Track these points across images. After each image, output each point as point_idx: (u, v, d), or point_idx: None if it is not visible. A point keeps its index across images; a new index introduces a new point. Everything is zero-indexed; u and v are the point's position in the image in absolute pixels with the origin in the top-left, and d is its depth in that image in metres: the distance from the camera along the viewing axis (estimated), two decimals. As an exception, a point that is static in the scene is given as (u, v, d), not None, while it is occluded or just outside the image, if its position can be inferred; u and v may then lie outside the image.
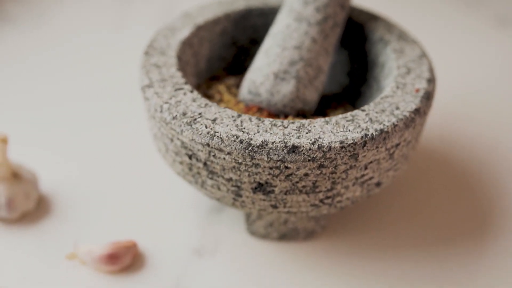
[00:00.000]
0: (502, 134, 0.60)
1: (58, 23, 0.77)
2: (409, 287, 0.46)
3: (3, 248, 0.48)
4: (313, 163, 0.39)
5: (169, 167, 0.46)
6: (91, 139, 0.59)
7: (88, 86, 0.66)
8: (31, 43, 0.73)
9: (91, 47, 0.72)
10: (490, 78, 0.69)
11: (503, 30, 0.77)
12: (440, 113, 0.62)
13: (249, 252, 0.48)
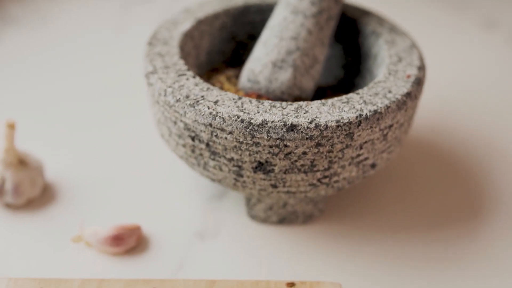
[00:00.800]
0: (489, 126, 0.63)
1: (61, 25, 0.79)
2: (404, 268, 0.48)
3: (9, 233, 0.50)
4: (311, 141, 0.41)
5: (172, 152, 0.48)
6: (95, 130, 0.61)
7: (90, 83, 0.68)
8: (34, 44, 0.75)
9: (92, 48, 0.75)
10: (478, 76, 0.72)
11: (490, 31, 0.80)
12: (431, 108, 0.64)
13: (250, 236, 0.50)
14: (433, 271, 0.47)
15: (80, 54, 0.73)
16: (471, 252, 0.49)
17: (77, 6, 0.84)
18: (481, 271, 0.47)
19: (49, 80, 0.68)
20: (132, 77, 0.67)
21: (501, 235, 0.50)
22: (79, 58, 0.72)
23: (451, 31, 0.80)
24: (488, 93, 0.69)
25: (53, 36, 0.77)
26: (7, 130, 0.50)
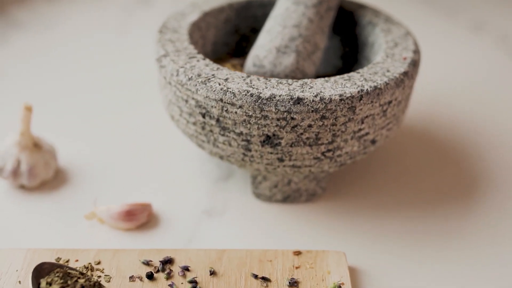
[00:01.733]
0: (478, 116, 0.66)
1: (64, 28, 0.82)
2: (402, 239, 0.50)
3: (24, 212, 0.52)
4: (316, 114, 0.44)
5: (182, 132, 0.51)
6: (103, 119, 0.64)
7: (94, 79, 0.71)
8: (40, 45, 0.78)
9: (96, 48, 0.78)
10: (467, 73, 0.76)
11: (478, 33, 0.84)
12: (426, 101, 0.68)
13: (255, 213, 0.52)
14: (430, 243, 0.50)
15: (84, 54, 0.76)
16: (465, 226, 0.51)
17: (79, 11, 0.87)
18: (475, 243, 0.50)
19: (56, 77, 0.71)
20: (135, 72, 0.71)
21: (492, 211, 0.53)
22: (84, 58, 0.75)
23: (442, 34, 0.84)
24: (477, 88, 0.72)
25: (57, 39, 0.80)
26: (24, 112, 0.52)
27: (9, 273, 0.44)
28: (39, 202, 0.53)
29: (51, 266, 0.42)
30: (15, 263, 0.44)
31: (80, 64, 0.74)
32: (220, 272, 0.44)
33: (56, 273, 0.41)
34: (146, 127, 0.63)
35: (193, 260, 0.45)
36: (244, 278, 0.44)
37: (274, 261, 0.45)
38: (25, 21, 0.83)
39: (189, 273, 0.44)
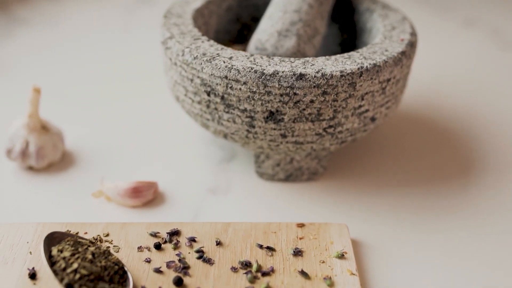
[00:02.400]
0: (470, 102, 0.68)
1: (68, 26, 0.84)
2: (401, 214, 0.51)
3: (33, 192, 0.53)
4: (318, 89, 0.46)
5: (187, 113, 0.52)
6: (107, 106, 0.66)
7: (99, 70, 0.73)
8: (44, 41, 0.79)
9: (99, 44, 0.79)
10: (460, 64, 0.78)
11: (469, 29, 0.87)
12: (422, 89, 0.70)
13: (258, 191, 0.54)
14: (428, 217, 0.51)
15: (87, 49, 0.78)
16: (462, 202, 0.53)
17: (81, 10, 0.89)
18: (471, 217, 0.51)
19: (60, 69, 0.73)
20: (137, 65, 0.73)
21: (487, 188, 0.55)
22: (87, 52, 0.77)
23: (435, 30, 0.86)
24: (469, 77, 0.75)
25: (60, 35, 0.82)
26: (33, 94, 0.53)
27: (20, 245, 0.45)
28: (47, 182, 0.54)
29: (62, 235, 0.43)
30: (26, 236, 0.46)
31: (83, 58, 0.76)
32: (226, 243, 0.46)
33: (67, 241, 0.42)
34: (150, 114, 0.64)
35: (199, 232, 0.47)
36: (249, 248, 0.45)
37: (278, 233, 0.47)
38: (28, 19, 0.85)
39: (195, 244, 0.46)
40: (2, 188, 0.53)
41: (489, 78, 0.75)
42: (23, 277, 0.42)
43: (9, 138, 0.55)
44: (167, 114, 0.63)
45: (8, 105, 0.65)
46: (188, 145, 0.60)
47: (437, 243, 0.49)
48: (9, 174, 0.55)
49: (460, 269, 0.46)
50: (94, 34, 0.82)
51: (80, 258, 0.41)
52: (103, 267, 0.41)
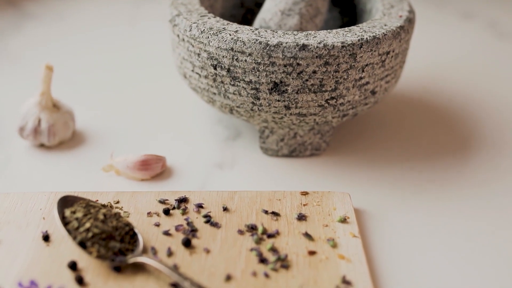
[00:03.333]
0: (467, 86, 0.70)
1: (75, 20, 0.87)
2: (401, 186, 0.53)
3: (44, 168, 0.54)
4: (320, 59, 0.47)
5: (194, 90, 0.54)
6: (117, 89, 0.68)
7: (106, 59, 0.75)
8: (53, 34, 0.82)
9: (106, 37, 0.82)
10: (457, 54, 0.80)
11: (466, 21, 0.89)
12: (421, 74, 0.72)
13: (263, 166, 0.55)
14: (427, 188, 0.52)
15: (96, 41, 0.80)
16: (458, 175, 0.54)
17: (89, 5, 0.91)
18: (468, 189, 0.53)
19: (69, 58, 0.75)
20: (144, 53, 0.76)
21: (483, 162, 0.56)
22: (95, 43, 0.79)
23: (434, 23, 0.88)
24: (467, 64, 0.77)
25: (69, 29, 0.84)
26: (45, 72, 0.55)
27: (33, 211, 0.46)
28: (58, 159, 0.56)
29: (74, 198, 0.44)
30: (39, 203, 0.47)
31: (91, 48, 0.78)
32: (232, 209, 0.47)
33: (79, 204, 0.44)
34: (156, 97, 0.66)
35: (207, 199, 0.48)
36: (255, 213, 0.47)
37: (283, 200, 0.48)
38: (37, 13, 0.87)
39: (203, 210, 0.47)
40: (15, 165, 0.55)
41: (485, 65, 0.77)
42: (37, 239, 0.44)
43: (22, 117, 0.56)
44: (173, 97, 0.65)
45: (19, 90, 0.67)
46: (194, 125, 0.61)
47: (435, 211, 0.50)
48: (21, 152, 0.56)
49: (456, 233, 0.48)
50: (101, 27, 0.84)
51: (92, 219, 0.42)
52: (114, 227, 0.42)
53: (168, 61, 0.68)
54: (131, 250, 0.42)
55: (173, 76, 0.67)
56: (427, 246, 0.46)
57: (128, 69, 0.73)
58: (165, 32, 0.68)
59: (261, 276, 0.41)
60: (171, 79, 0.68)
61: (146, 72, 0.72)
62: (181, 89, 0.66)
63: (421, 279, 0.43)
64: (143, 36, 0.83)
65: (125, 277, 0.41)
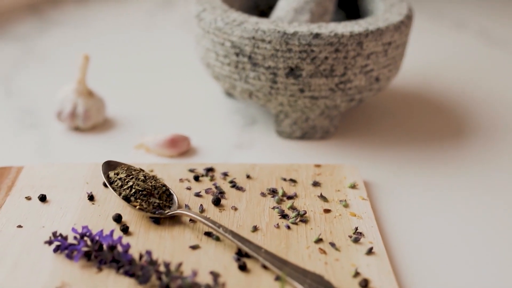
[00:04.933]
0: (461, 82, 0.77)
1: (96, 26, 0.93)
2: (406, 166, 0.59)
3: (80, 148, 0.60)
4: (331, 47, 0.54)
5: (216, 79, 0.60)
6: (144, 84, 0.75)
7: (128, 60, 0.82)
8: (73, 38, 0.89)
9: (125, 41, 0.88)
10: (450, 58, 0.87)
11: (459, 30, 0.96)
12: (419, 74, 0.79)
13: (278, 147, 0.61)
14: (427, 165, 0.59)
15: (115, 44, 0.87)
16: (455, 154, 0.61)
17: (107, 13, 0.98)
18: (466, 166, 0.59)
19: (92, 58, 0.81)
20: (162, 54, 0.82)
21: (477, 144, 0.63)
22: (115, 46, 0.86)
23: (429, 32, 0.96)
24: (459, 66, 0.84)
25: (89, 33, 0.91)
26: (83, 61, 0.61)
27: (77, 178, 0.52)
28: (92, 139, 0.61)
29: (116, 163, 0.50)
30: (81, 172, 0.53)
31: (112, 50, 0.85)
32: (255, 177, 0.53)
33: (121, 167, 0.49)
34: (177, 91, 0.73)
35: (231, 169, 0.54)
36: (275, 180, 0.53)
37: (299, 170, 0.54)
38: (60, 20, 0.94)
39: (228, 177, 0.53)
40: (54, 145, 0.61)
41: (476, 66, 0.84)
42: (82, 199, 0.49)
43: (59, 102, 0.62)
44: (192, 91, 0.72)
45: (47, 84, 0.73)
46: (214, 114, 0.68)
47: (434, 182, 0.56)
48: (59, 133, 0.62)
49: (452, 199, 0.54)
50: (119, 34, 0.91)
51: (134, 178, 0.48)
52: (153, 186, 0.48)
53: (185, 59, 0.75)
54: (168, 206, 0.48)
55: (191, 73, 0.74)
56: (427, 209, 0.52)
57: (148, 69, 0.79)
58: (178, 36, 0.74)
59: (284, 228, 0.47)
60: (190, 75, 0.74)
61: (166, 71, 0.79)
62: (201, 84, 0.72)
63: (421, 233, 0.49)
64: (160, 40, 0.89)
65: (164, 228, 0.46)
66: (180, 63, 0.80)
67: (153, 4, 1.05)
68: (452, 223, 0.51)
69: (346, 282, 0.42)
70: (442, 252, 0.47)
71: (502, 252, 0.48)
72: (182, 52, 0.84)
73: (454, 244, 0.48)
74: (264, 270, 0.43)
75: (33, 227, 0.46)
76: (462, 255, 0.47)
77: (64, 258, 0.43)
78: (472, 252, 0.48)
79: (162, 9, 1.02)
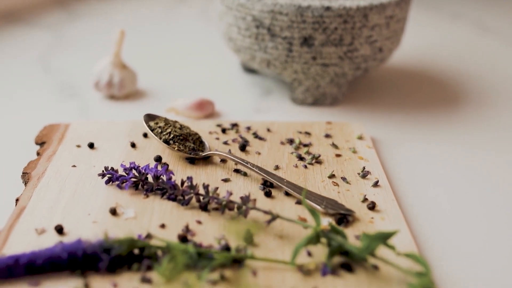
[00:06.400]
0: (454, 63, 0.85)
1: (116, 19, 1.02)
2: (407, 127, 0.66)
3: (116, 113, 0.68)
4: (340, 18, 0.62)
5: (237, 52, 0.68)
6: (170, 62, 0.83)
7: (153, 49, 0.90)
8: (97, 29, 0.97)
9: (146, 31, 0.96)
10: (445, 45, 0.95)
11: (455, 22, 1.04)
12: (418, 55, 0.86)
13: (292, 111, 0.69)
14: (426, 128, 0.66)
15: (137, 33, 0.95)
16: (450, 119, 0.68)
17: (127, 7, 1.06)
18: (460, 128, 0.66)
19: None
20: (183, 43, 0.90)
21: (468, 111, 0.71)
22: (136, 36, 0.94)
23: (427, 23, 1.04)
24: (455, 51, 0.92)
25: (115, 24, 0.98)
26: (119, 35, 0.69)
27: (119, 131, 0.59)
28: (127, 106, 0.69)
29: (155, 116, 0.57)
30: (122, 126, 0.60)
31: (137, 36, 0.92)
32: (274, 130, 0.60)
33: (160, 118, 0.57)
34: (202, 66, 0.81)
35: (253, 125, 0.61)
36: (292, 133, 0.60)
37: (313, 126, 0.62)
38: (83, 12, 1.03)
39: (251, 130, 0.60)
40: (93, 111, 0.68)
41: (471, 51, 0.92)
42: (125, 146, 0.57)
43: (97, 73, 0.70)
44: (215, 66, 0.80)
45: (76, 67, 0.81)
46: (234, 86, 0.76)
47: (433, 139, 0.64)
48: (97, 101, 0.70)
49: (447, 152, 0.61)
50: (141, 23, 0.99)
51: (171, 126, 0.55)
52: (188, 133, 0.55)
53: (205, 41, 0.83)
54: (201, 150, 0.55)
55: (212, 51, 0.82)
56: (424, 156, 0.60)
57: (173, 50, 0.88)
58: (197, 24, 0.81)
59: (301, 167, 0.54)
60: (211, 53, 0.83)
61: (189, 51, 0.87)
62: (220, 61, 0.81)
63: (419, 174, 0.57)
64: (181, 26, 0.98)
65: (198, 167, 0.54)
66: (200, 44, 0.88)
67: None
68: (445, 166, 0.58)
69: (356, 206, 0.49)
70: (436, 187, 0.55)
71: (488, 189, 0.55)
72: (201, 35, 0.92)
73: (446, 180, 0.56)
74: (287, 197, 0.50)
75: (85, 166, 0.54)
76: (450, 188, 0.55)
77: (115, 188, 0.50)
78: (459, 187, 0.55)
79: (179, 3, 1.10)
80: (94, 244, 0.41)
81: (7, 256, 0.40)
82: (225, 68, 0.80)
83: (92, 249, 0.41)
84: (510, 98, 0.75)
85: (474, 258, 0.46)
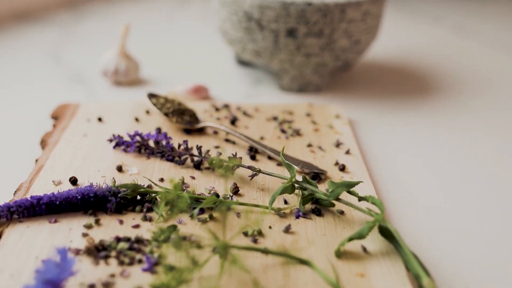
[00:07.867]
0: (433, 60, 0.93)
1: (124, 19, 1.10)
2: (384, 110, 0.74)
3: (122, 97, 0.75)
4: (320, 12, 0.69)
5: (230, 44, 0.76)
6: (167, 57, 0.92)
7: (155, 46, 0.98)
8: (104, 28, 1.05)
9: (150, 32, 1.05)
10: (425, 46, 1.03)
11: (437, 24, 1.12)
12: (395, 58, 0.94)
13: (279, 98, 0.76)
14: (400, 111, 0.74)
15: (142, 33, 1.03)
16: (424, 105, 0.76)
17: (133, 8, 1.15)
18: (431, 112, 0.74)
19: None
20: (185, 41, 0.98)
21: (439, 100, 0.79)
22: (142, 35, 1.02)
23: (407, 26, 1.12)
24: (433, 51, 1.00)
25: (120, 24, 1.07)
26: (124, 29, 0.77)
27: (124, 109, 0.67)
28: (132, 91, 0.77)
29: (156, 95, 0.65)
30: (128, 106, 0.68)
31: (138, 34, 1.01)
32: (261, 110, 0.68)
33: (160, 96, 0.64)
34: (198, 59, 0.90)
35: (242, 105, 0.69)
36: (277, 112, 0.68)
37: (295, 107, 0.70)
38: (91, 13, 1.11)
39: (240, 109, 0.68)
40: (101, 95, 0.76)
41: (447, 51, 1.01)
42: (130, 120, 0.64)
43: (105, 63, 0.78)
44: (210, 60, 0.88)
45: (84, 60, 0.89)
46: (227, 76, 0.84)
47: (408, 122, 0.72)
48: (104, 87, 0.78)
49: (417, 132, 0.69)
50: (144, 24, 1.08)
51: (170, 103, 0.63)
52: (185, 109, 0.63)
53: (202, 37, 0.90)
54: (196, 123, 0.63)
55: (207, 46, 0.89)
56: (395, 136, 0.68)
57: (172, 45, 0.96)
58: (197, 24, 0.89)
59: (283, 138, 0.62)
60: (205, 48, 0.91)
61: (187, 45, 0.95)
62: (215, 56, 0.89)
63: (389, 149, 0.64)
64: (182, 26, 1.06)
65: (193, 137, 0.61)
66: (198, 43, 0.96)
67: (171, 3, 1.22)
68: (413, 142, 0.66)
69: (329, 168, 0.57)
70: (404, 159, 0.63)
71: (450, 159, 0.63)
72: (200, 35, 1.01)
73: (413, 154, 0.64)
74: (269, 160, 0.58)
75: (95, 136, 0.61)
76: (415, 160, 0.62)
77: (122, 152, 0.58)
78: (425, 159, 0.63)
79: (180, 7, 1.19)
80: (103, 189, 0.48)
81: (31, 196, 0.48)
82: (220, 62, 0.88)
83: (102, 192, 0.48)
84: (477, 89, 0.83)
85: (430, 211, 0.54)
